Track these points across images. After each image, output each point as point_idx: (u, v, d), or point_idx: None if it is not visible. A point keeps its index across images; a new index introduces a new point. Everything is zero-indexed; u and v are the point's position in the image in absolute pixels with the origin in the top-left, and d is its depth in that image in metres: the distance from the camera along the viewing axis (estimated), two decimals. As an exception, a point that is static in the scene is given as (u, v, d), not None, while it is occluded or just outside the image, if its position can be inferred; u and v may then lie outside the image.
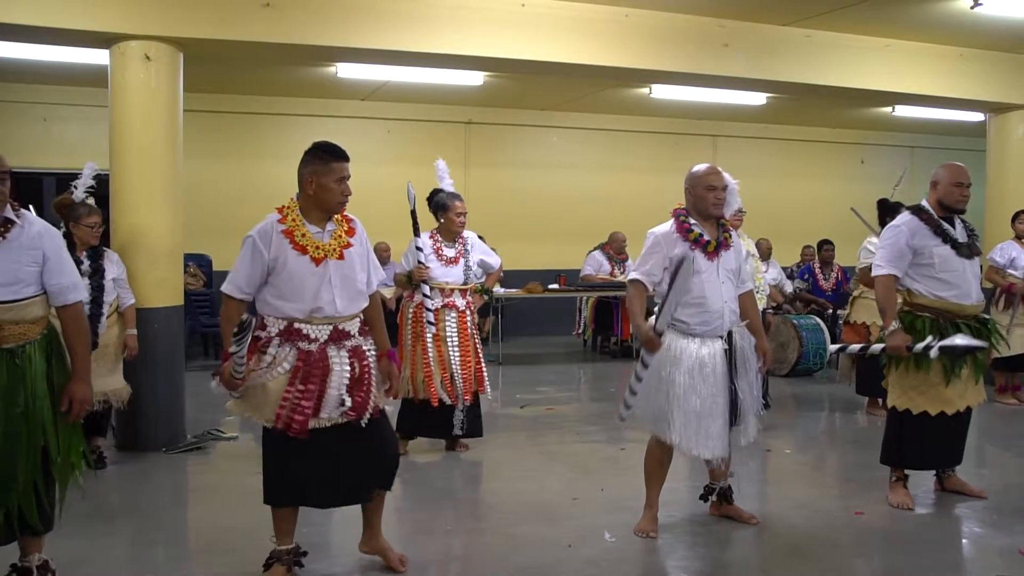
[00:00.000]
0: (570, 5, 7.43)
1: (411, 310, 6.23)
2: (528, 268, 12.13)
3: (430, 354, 6.10)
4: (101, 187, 6.32)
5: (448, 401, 6.15)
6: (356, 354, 3.93)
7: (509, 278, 11.50)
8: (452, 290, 6.22)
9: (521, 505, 5.20)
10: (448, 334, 6.16)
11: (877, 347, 5.14)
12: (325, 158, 3.88)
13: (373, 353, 4.05)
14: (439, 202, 6.27)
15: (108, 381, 5.90)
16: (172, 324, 6.67)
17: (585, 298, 11.65)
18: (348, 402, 3.85)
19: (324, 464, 3.87)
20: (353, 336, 3.95)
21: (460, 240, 6.33)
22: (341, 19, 6.82)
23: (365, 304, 4.05)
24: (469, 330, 6.29)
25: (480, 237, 9.45)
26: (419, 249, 6.15)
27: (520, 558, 4.36)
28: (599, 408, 8.43)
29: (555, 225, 13.08)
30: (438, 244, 6.23)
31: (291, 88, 11.18)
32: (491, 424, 7.47)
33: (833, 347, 6.00)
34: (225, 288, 3.91)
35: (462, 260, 6.29)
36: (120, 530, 4.89)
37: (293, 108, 11.80)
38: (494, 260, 6.60)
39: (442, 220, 6.27)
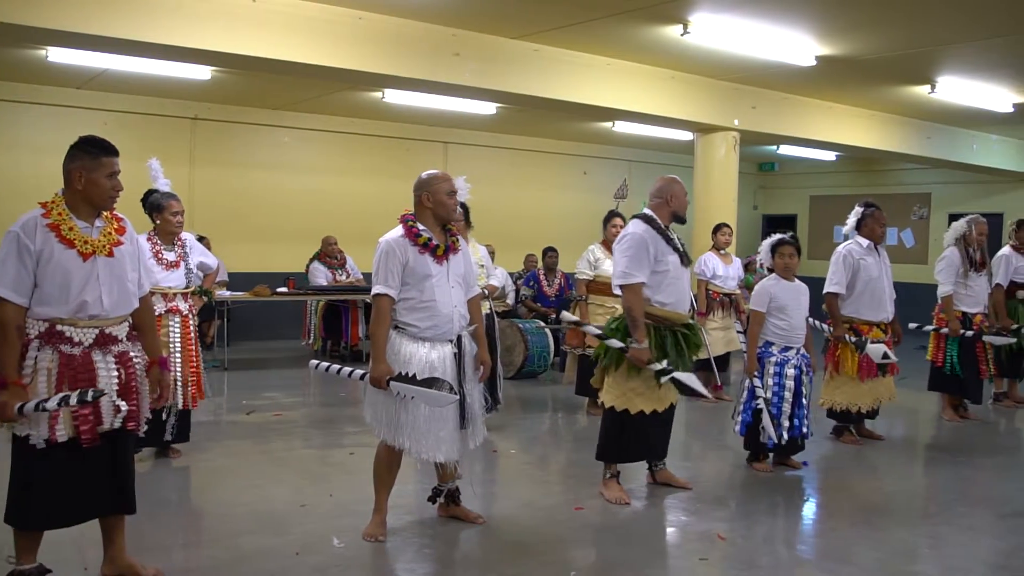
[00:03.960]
0: (303, 4, 7.31)
1: None
2: (256, 271, 11.81)
3: None
4: None
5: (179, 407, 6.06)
6: (122, 360, 3.73)
7: (236, 281, 11.17)
8: (175, 294, 6.03)
9: (246, 514, 5.05)
10: (171, 339, 5.95)
11: (616, 343, 5.29)
12: (94, 152, 3.69)
13: (141, 360, 3.86)
14: (154, 203, 6.03)
15: None
16: None
17: (314, 305, 11.48)
18: (124, 408, 3.68)
19: (80, 477, 3.66)
20: (121, 341, 3.76)
21: (179, 242, 6.14)
22: (51, -1, 6.35)
23: (134, 306, 3.86)
24: (192, 335, 6.14)
25: (204, 238, 9.12)
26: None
27: (245, 569, 4.23)
28: (328, 413, 8.33)
29: (285, 227, 12.81)
30: (157, 247, 5.98)
31: (-6, 70, 10.26)
32: (215, 431, 7.21)
33: (569, 316, 6.26)
34: None
35: (183, 263, 6.12)
36: None
37: (-5, 93, 10.84)
38: (212, 261, 6.50)
39: (158, 222, 6.03)
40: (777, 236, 6.34)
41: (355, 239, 11.59)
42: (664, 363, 5.19)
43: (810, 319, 6.46)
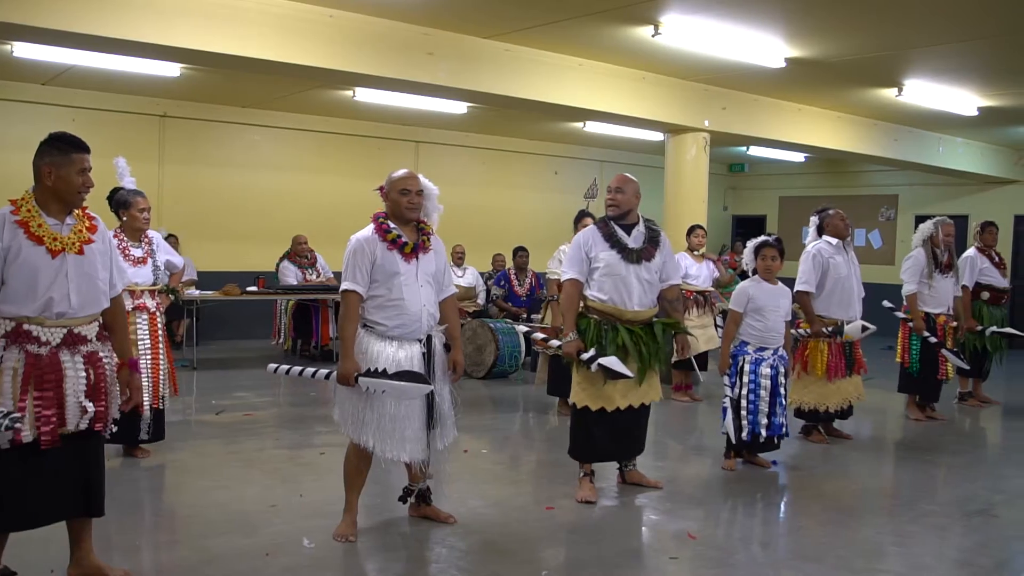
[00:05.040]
0: (273, 1, 7.25)
1: None
2: (226, 270, 11.73)
3: None
4: None
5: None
6: (91, 361, 3.70)
7: (206, 280, 11.10)
8: (142, 291, 6.05)
9: (216, 515, 5.02)
10: (139, 336, 5.95)
11: (554, 343, 5.55)
12: (64, 148, 3.66)
13: (110, 360, 3.83)
14: (120, 199, 6.07)
15: None
16: None
17: (284, 304, 11.43)
18: (91, 410, 3.64)
19: (48, 478, 3.62)
20: (90, 341, 3.72)
21: (146, 239, 6.17)
22: (16, -7, 6.26)
23: (104, 306, 3.82)
24: (159, 332, 6.15)
25: (172, 236, 9.09)
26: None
27: (214, 571, 4.20)
28: (298, 412, 8.30)
29: (255, 226, 12.73)
30: (124, 244, 6.00)
31: (-43, 66, 10.10)
32: (185, 431, 7.16)
33: (522, 327, 6.46)
34: None
35: (150, 260, 6.14)
36: None
37: (-41, 89, 10.68)
38: (178, 260, 6.53)
39: (124, 218, 6.06)
40: (761, 238, 6.41)
41: (325, 238, 11.54)
42: (591, 352, 5.26)
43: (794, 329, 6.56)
